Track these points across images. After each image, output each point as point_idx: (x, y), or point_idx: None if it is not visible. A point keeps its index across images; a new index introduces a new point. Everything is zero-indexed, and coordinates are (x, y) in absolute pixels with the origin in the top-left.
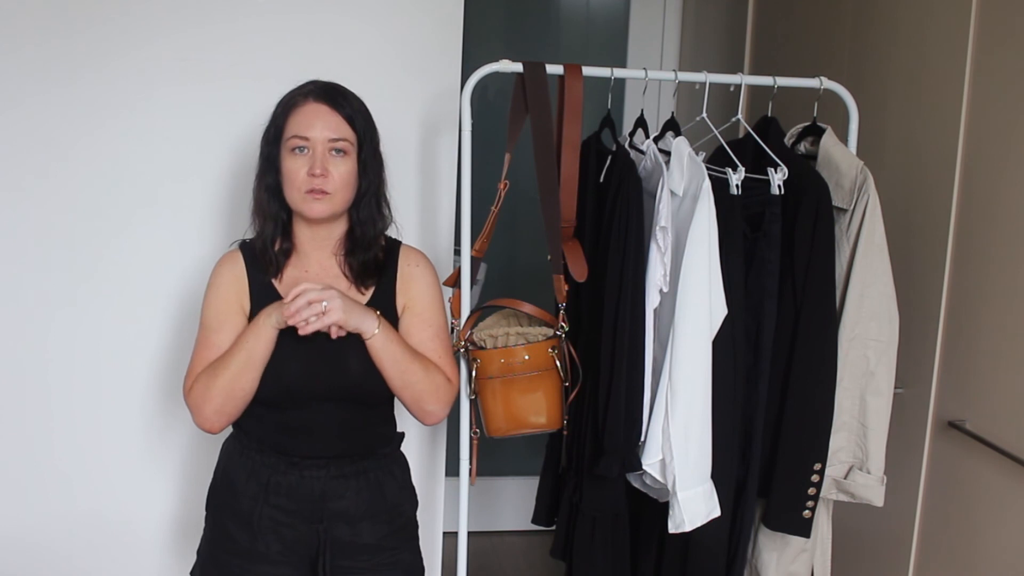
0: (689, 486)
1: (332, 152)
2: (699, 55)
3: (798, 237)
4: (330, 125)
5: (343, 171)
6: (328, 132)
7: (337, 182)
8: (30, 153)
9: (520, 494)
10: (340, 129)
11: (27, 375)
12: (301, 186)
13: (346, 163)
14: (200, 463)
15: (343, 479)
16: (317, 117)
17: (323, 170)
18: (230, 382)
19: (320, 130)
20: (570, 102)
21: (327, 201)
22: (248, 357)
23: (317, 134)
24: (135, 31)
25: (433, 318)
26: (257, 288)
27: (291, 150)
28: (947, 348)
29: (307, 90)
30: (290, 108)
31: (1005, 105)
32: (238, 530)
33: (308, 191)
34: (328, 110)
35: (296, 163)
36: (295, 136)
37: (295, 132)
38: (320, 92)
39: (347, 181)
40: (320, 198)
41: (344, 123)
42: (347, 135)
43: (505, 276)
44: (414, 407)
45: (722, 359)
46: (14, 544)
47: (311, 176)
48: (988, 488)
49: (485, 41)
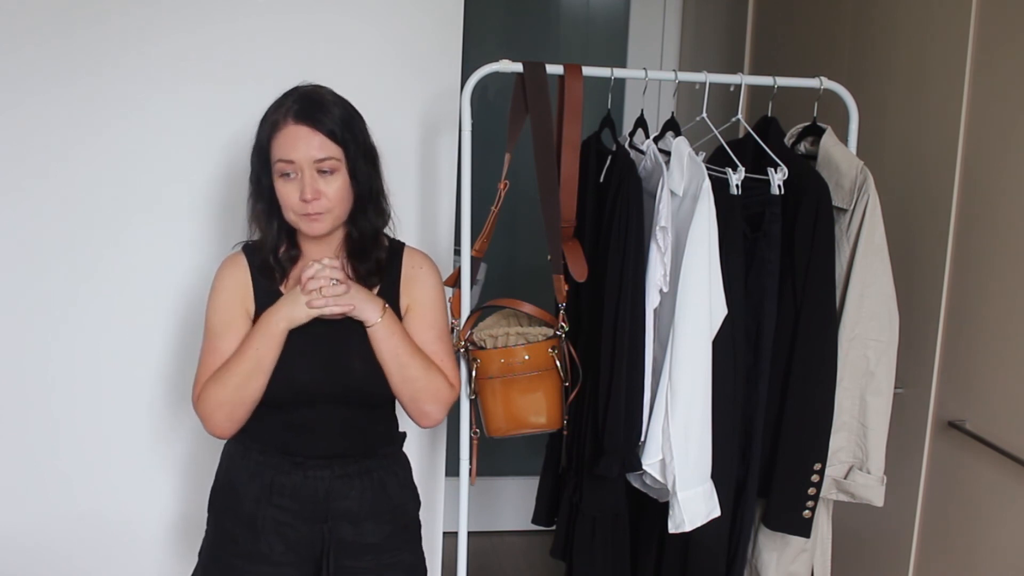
0: (689, 486)
1: (319, 172)
2: (699, 55)
3: (798, 237)
4: (313, 145)
5: (335, 188)
6: (312, 152)
7: (331, 200)
8: (30, 154)
9: (520, 494)
10: (324, 147)
11: (28, 376)
12: (297, 210)
13: (336, 179)
14: (201, 463)
15: (347, 479)
16: (299, 139)
17: (314, 193)
18: (239, 389)
19: (303, 151)
20: (570, 102)
21: (324, 220)
22: (256, 362)
23: (301, 155)
24: (135, 31)
25: (436, 320)
26: (262, 292)
27: (280, 175)
28: (947, 348)
29: (286, 109)
30: (273, 132)
31: (1005, 105)
32: (241, 531)
33: (303, 214)
34: (308, 131)
35: (287, 188)
36: (280, 161)
37: (280, 156)
38: (299, 112)
39: (341, 196)
40: (317, 219)
41: (327, 140)
42: (331, 152)
43: (505, 276)
44: (412, 406)
45: (722, 359)
46: (14, 544)
47: (304, 202)
48: (988, 488)
49: (485, 41)
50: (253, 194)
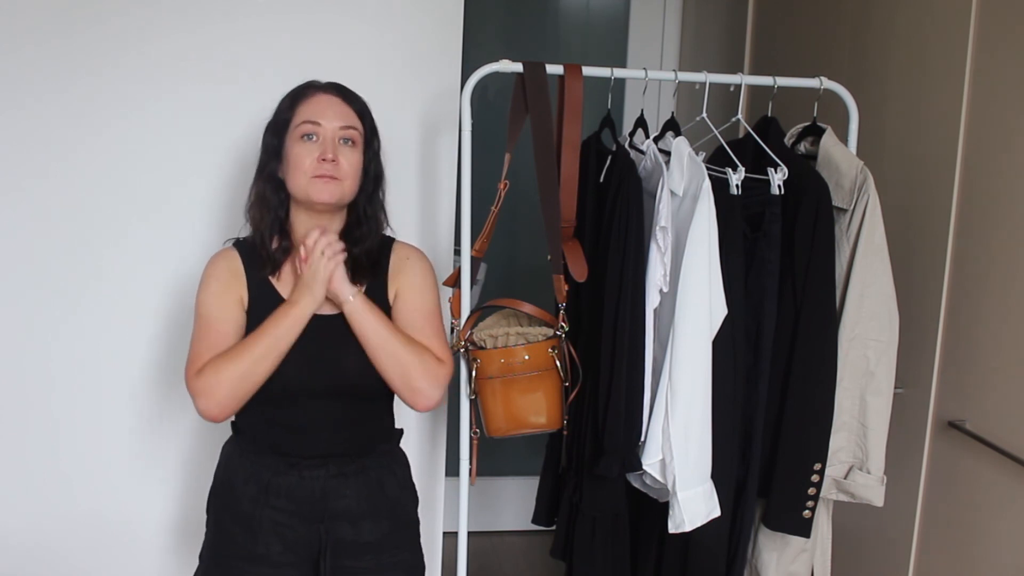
0: (689, 486)
1: (341, 141)
2: (699, 55)
3: (798, 237)
4: (341, 114)
5: (352, 160)
6: (339, 120)
7: (346, 169)
8: (30, 154)
9: (520, 494)
10: (351, 119)
11: (28, 376)
12: (309, 171)
13: (355, 153)
14: (200, 463)
15: (343, 478)
16: (329, 106)
17: (334, 155)
18: (252, 365)
19: (332, 118)
20: (570, 102)
21: (336, 186)
22: (275, 342)
23: (329, 121)
24: (135, 31)
25: (421, 302)
26: (255, 283)
27: (300, 137)
28: (947, 348)
29: (315, 84)
30: (299, 99)
31: (1005, 105)
32: (239, 532)
33: (317, 175)
34: (339, 101)
35: (305, 148)
36: (306, 122)
37: (306, 118)
38: (329, 85)
39: (355, 170)
40: (329, 182)
41: (354, 115)
42: (357, 125)
43: (505, 276)
44: (402, 385)
45: (722, 359)
46: (14, 544)
47: (321, 161)
48: (988, 488)
49: (485, 41)
50: (262, 163)
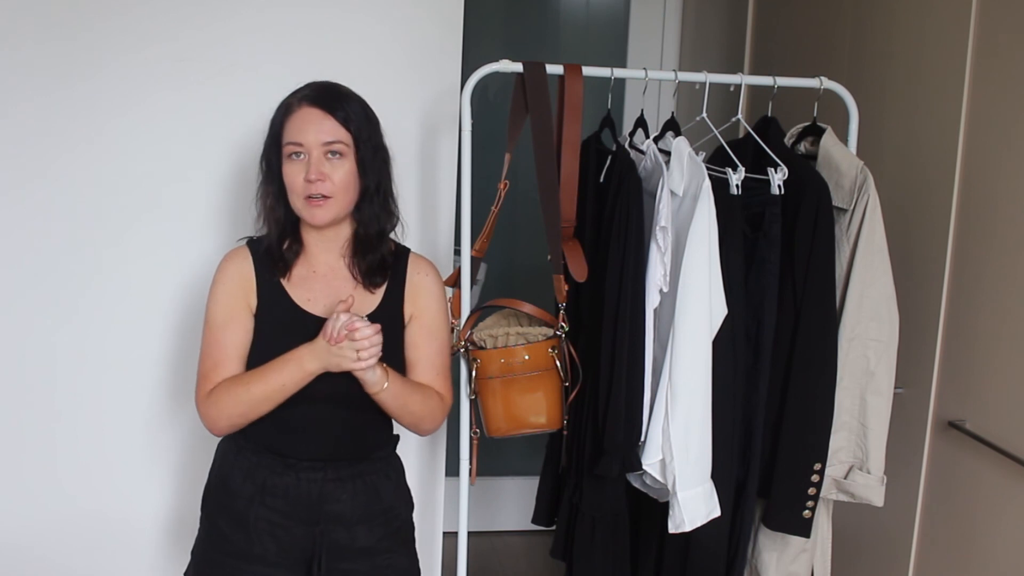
0: (689, 486)
1: (328, 155)
2: (699, 55)
3: (798, 237)
4: (323, 129)
5: (341, 173)
6: (321, 136)
7: (336, 185)
8: (30, 154)
9: (520, 494)
10: (334, 132)
11: (29, 376)
12: (301, 192)
13: (344, 165)
14: (197, 463)
15: (339, 482)
16: (310, 122)
17: (319, 174)
18: (254, 406)
19: (313, 135)
20: (570, 102)
21: (328, 207)
22: (279, 388)
23: (311, 139)
24: (135, 31)
25: (439, 331)
26: (265, 286)
27: (288, 156)
28: (947, 348)
29: (302, 95)
30: (286, 115)
31: (1005, 105)
32: (233, 531)
33: (307, 198)
34: (321, 114)
35: (293, 169)
36: (290, 143)
37: (289, 139)
38: (314, 96)
39: (347, 183)
40: (321, 204)
41: (338, 126)
42: (341, 137)
43: (505, 276)
44: (411, 428)
45: (722, 359)
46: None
47: (308, 182)
48: (988, 488)
49: (485, 41)
50: (263, 180)
